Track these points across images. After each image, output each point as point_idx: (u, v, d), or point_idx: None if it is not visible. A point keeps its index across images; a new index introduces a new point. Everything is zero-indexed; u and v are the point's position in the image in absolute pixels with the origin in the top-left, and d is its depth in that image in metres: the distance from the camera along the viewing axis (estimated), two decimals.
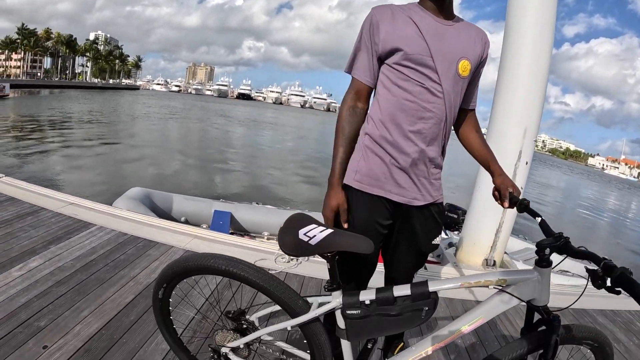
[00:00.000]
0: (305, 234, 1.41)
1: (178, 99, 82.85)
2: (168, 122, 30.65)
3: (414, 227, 1.76)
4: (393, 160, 1.65)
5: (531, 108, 4.06)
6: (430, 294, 1.41)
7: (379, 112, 1.66)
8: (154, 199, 6.34)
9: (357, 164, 1.70)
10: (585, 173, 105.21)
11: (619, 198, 45.07)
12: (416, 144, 1.62)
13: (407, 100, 1.59)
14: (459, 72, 1.61)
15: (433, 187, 1.74)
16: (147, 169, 13.53)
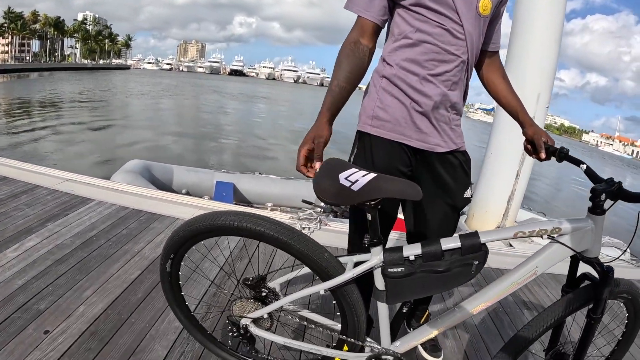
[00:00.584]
0: (347, 179, 1.21)
1: (170, 77, 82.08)
2: (162, 99, 30.31)
3: (440, 176, 1.62)
4: (414, 103, 1.51)
5: (544, 73, 3.95)
6: (481, 245, 1.28)
7: (396, 55, 1.51)
8: (153, 171, 6.16)
9: (373, 108, 1.56)
10: (579, 149, 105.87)
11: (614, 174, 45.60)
12: (438, 86, 1.49)
13: (428, 43, 1.45)
14: (479, 11, 1.46)
15: (455, 134, 1.61)
16: (144, 144, 13.32)
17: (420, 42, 1.46)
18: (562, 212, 12.92)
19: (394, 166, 1.58)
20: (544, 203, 13.21)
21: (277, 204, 6.21)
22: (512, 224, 4.27)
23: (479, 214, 4.24)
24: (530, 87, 3.89)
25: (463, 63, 1.50)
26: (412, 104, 1.51)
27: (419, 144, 1.55)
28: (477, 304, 1.38)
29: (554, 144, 1.48)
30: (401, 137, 1.54)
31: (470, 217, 4.34)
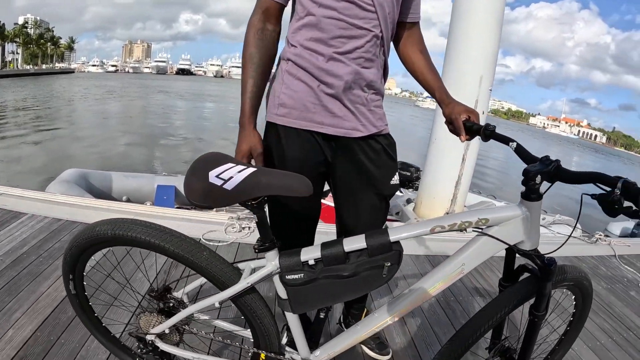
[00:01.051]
0: (218, 176, 1.04)
1: (115, 79, 79.64)
2: (106, 102, 29.35)
3: (362, 163, 1.47)
4: (322, 85, 1.35)
5: (486, 56, 3.94)
6: (391, 244, 1.12)
7: (300, 34, 1.36)
8: (91, 180, 5.92)
9: (278, 96, 1.41)
10: (527, 132, 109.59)
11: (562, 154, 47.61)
12: (349, 65, 1.34)
13: (333, 19, 1.31)
14: None
15: (375, 116, 1.46)
16: (87, 151, 12.80)
17: (325, 18, 1.31)
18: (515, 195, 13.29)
19: (308, 158, 1.45)
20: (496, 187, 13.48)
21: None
22: (461, 210, 4.27)
23: (427, 201, 4.21)
24: (473, 70, 3.89)
25: (376, 37, 1.36)
26: (321, 87, 1.36)
27: (333, 129, 1.40)
28: (396, 310, 1.22)
29: (478, 120, 1.34)
30: (311, 125, 1.39)
31: (418, 204, 4.31)
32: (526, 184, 1.07)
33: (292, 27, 1.39)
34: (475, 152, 4.12)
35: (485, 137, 1.28)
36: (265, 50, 1.35)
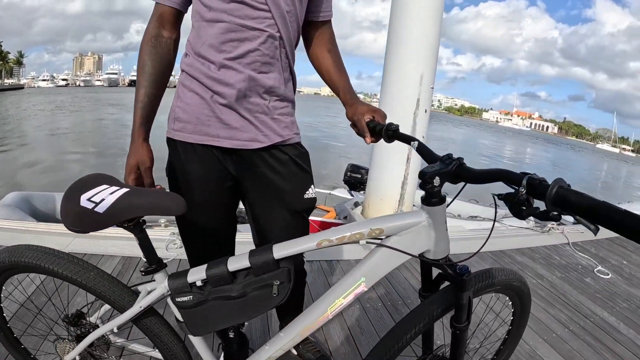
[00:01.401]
0: (90, 199, 0.99)
1: (66, 94, 77.28)
2: (56, 119, 28.36)
3: (266, 176, 1.37)
4: (216, 95, 1.26)
5: (426, 53, 3.85)
6: (277, 262, 1.05)
7: (192, 41, 1.28)
8: (34, 203, 5.67)
9: (174, 110, 1.33)
10: (481, 127, 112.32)
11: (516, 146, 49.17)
12: (241, 71, 1.24)
13: (223, 22, 1.21)
14: None
15: (280, 124, 1.35)
16: (36, 172, 12.25)
17: (215, 22, 1.22)
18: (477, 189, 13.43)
19: (210, 174, 1.35)
20: None
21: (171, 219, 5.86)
22: (410, 209, 4.22)
23: (374, 202, 4.14)
24: (413, 68, 3.81)
25: (273, 38, 1.25)
26: (214, 97, 1.26)
27: (229, 142, 1.30)
28: (298, 331, 1.13)
29: (384, 120, 1.27)
30: (206, 139, 1.30)
31: (366, 207, 4.24)
32: (424, 188, 0.96)
33: (190, 35, 1.31)
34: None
35: (387, 138, 1.21)
36: (159, 58, 1.26)
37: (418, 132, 3.88)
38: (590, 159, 58.75)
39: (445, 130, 48.80)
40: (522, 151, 41.58)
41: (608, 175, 34.46)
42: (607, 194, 18.90)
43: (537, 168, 27.44)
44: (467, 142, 37.91)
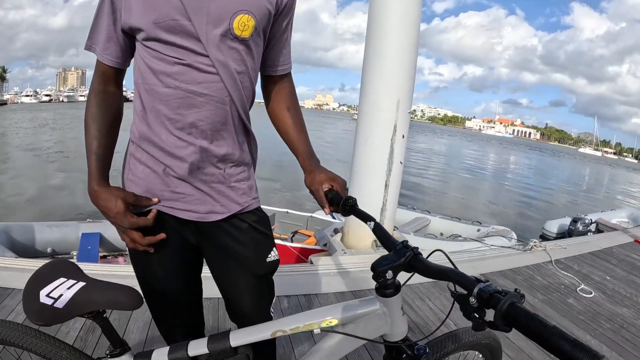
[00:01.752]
0: (49, 295, 1.01)
1: (49, 110, 76.41)
2: (40, 138, 27.95)
3: (226, 246, 1.31)
4: (168, 168, 1.19)
5: (402, 79, 3.87)
6: (235, 349, 1.06)
7: (138, 106, 1.20)
8: (12, 234, 5.64)
9: (125, 182, 1.25)
10: (464, 135, 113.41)
11: (498, 155, 49.62)
12: (191, 142, 1.17)
13: (168, 87, 1.13)
14: (234, 33, 1.12)
15: (237, 192, 1.28)
16: (19, 199, 11.85)
17: (160, 87, 1.14)
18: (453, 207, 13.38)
19: (169, 244, 1.26)
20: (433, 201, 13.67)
21: None
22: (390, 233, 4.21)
23: (354, 230, 4.13)
24: (389, 95, 3.84)
25: (223, 103, 1.17)
26: (167, 170, 1.19)
27: (186, 214, 1.24)
28: None
29: (342, 189, 1.24)
30: (162, 207, 1.22)
31: (346, 233, 4.22)
32: (377, 280, 0.96)
33: (134, 98, 1.22)
34: (399, 178, 4.08)
35: (344, 212, 1.19)
36: (108, 109, 1.20)
37: (396, 158, 3.89)
38: (573, 164, 59.49)
39: (428, 140, 49.03)
40: (504, 160, 41.95)
41: (591, 181, 34.86)
42: (590, 203, 19.04)
43: (519, 177, 27.66)
44: (450, 153, 38.13)
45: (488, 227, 7.10)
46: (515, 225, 11.81)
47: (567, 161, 64.47)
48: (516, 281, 3.81)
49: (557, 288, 3.73)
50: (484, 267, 4.06)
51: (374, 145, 3.93)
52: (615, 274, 4.29)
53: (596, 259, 4.73)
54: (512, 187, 21.26)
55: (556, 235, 9.48)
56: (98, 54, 1.18)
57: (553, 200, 18.78)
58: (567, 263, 4.43)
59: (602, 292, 3.77)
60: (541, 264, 4.31)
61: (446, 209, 12.28)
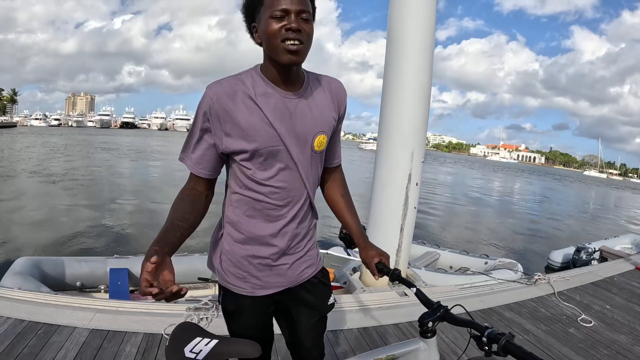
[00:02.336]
0: (191, 351, 1.31)
1: (59, 135, 75.81)
2: (50, 164, 27.86)
3: (303, 299, 1.69)
4: (262, 251, 1.54)
5: (416, 131, 4.28)
6: None
7: (234, 211, 1.54)
8: (44, 268, 5.83)
9: (224, 267, 1.59)
10: (469, 162, 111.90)
11: (504, 182, 48.59)
12: (286, 232, 1.54)
13: (264, 189, 1.48)
14: (314, 149, 1.50)
15: (310, 259, 1.67)
16: (30, 228, 11.75)
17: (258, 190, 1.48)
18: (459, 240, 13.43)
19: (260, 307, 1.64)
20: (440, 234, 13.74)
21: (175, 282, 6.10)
22: (404, 273, 4.52)
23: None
24: (403, 147, 4.24)
25: (304, 197, 1.55)
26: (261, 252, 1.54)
27: (276, 288, 1.61)
28: None
29: (389, 262, 1.58)
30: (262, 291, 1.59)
31: (364, 272, 4.55)
32: (421, 327, 1.44)
33: (230, 197, 1.55)
34: (413, 221, 4.43)
35: (392, 279, 1.57)
36: (191, 203, 1.46)
37: (410, 203, 4.27)
38: (578, 188, 58.40)
39: (432, 169, 48.20)
40: (509, 187, 41.51)
41: (595, 206, 34.31)
42: (596, 229, 18.86)
43: (524, 205, 27.34)
44: (455, 182, 37.67)
45: (495, 260, 7.24)
46: (522, 254, 11.96)
47: (572, 186, 63.56)
48: (521, 314, 3.97)
49: (559, 319, 3.90)
50: (491, 301, 4.24)
51: (391, 193, 4.31)
52: (614, 303, 4.45)
53: (597, 289, 4.88)
54: (518, 216, 21.07)
55: (561, 265, 9.62)
56: (190, 168, 1.47)
57: (559, 227, 18.57)
58: (569, 294, 4.59)
59: (601, 320, 3.94)
60: (545, 297, 4.47)
61: (454, 241, 12.42)
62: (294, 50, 1.35)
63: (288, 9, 1.33)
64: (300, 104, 1.46)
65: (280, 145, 1.43)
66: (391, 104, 4.33)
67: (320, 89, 1.54)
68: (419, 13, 4.18)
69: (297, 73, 1.46)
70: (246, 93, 1.40)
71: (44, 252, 8.78)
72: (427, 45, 4.24)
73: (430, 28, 4.24)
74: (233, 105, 1.39)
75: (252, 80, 1.43)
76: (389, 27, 4.34)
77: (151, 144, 59.67)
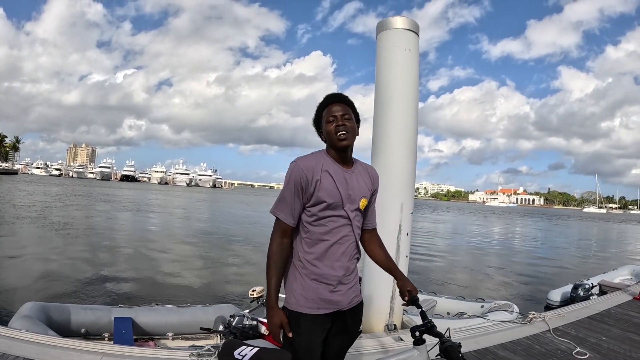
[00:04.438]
0: (240, 353, 1.93)
1: (60, 185, 76.59)
2: (51, 212, 28.20)
3: (346, 325, 2.22)
4: (328, 279, 2.09)
5: (405, 185, 4.57)
6: None
7: (307, 251, 2.11)
8: (50, 313, 5.87)
9: (301, 292, 2.10)
10: (468, 209, 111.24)
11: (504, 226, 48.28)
12: (343, 266, 2.13)
13: (326, 236, 2.09)
14: (359, 208, 2.18)
15: (356, 290, 2.23)
16: (32, 275, 11.81)
17: (324, 241, 2.10)
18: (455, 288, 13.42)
19: (320, 332, 2.13)
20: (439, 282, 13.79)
21: (177, 332, 6.24)
22: (399, 319, 4.73)
23: (367, 314, 4.53)
24: (393, 199, 4.49)
25: (354, 242, 2.18)
26: (326, 280, 2.09)
27: (336, 308, 2.13)
28: None
29: (416, 291, 2.24)
30: (326, 310, 2.11)
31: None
32: (413, 336, 2.09)
33: (300, 240, 2.15)
34: (405, 269, 4.63)
35: (417, 307, 2.17)
36: (284, 257, 2.13)
37: (402, 252, 4.51)
38: (578, 226, 58.05)
39: (432, 220, 47.10)
40: (510, 231, 41.11)
41: (599, 243, 33.91)
42: (596, 265, 18.43)
43: (524, 248, 27.18)
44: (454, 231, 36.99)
45: (491, 303, 7.28)
46: (521, 296, 11.93)
47: (572, 224, 63.30)
48: (516, 352, 4.03)
49: (554, 354, 3.97)
50: (486, 342, 4.30)
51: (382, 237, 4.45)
52: (611, 334, 4.50)
53: (593, 322, 4.94)
54: (517, 258, 20.89)
55: (559, 304, 9.38)
56: (285, 219, 2.10)
57: (559, 266, 18.40)
58: (564, 330, 4.64)
59: (597, 352, 4.00)
60: (539, 334, 4.52)
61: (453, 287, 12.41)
62: (342, 138, 2.10)
63: (336, 115, 2.12)
64: (353, 176, 2.17)
65: (340, 203, 2.10)
66: (379, 160, 4.63)
67: (363, 170, 2.27)
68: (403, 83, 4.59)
69: (349, 157, 2.18)
70: (323, 167, 2.09)
71: (45, 297, 9.01)
72: (411, 108, 4.59)
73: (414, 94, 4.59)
74: (316, 173, 2.07)
75: (323, 157, 2.14)
76: (376, 93, 4.71)
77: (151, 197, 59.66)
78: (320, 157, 2.13)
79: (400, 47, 4.56)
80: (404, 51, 4.56)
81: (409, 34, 4.62)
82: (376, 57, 4.73)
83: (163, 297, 9.64)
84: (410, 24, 4.63)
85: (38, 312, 5.72)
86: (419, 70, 4.68)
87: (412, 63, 4.60)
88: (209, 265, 14.45)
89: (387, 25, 4.66)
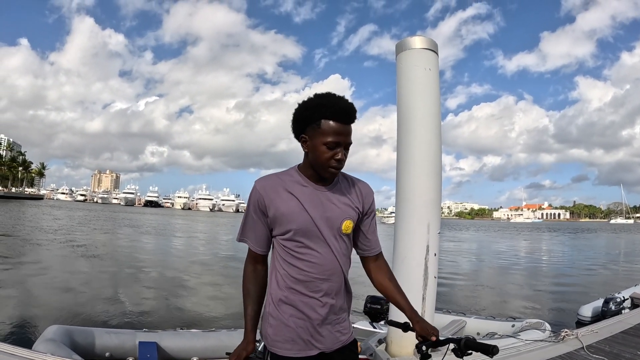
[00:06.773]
0: None
1: (85, 210, 78.05)
2: (75, 236, 28.49)
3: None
4: (307, 320, 1.82)
5: (431, 205, 4.47)
6: None
7: (280, 283, 1.84)
8: (74, 337, 5.86)
9: (273, 332, 1.85)
10: (493, 227, 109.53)
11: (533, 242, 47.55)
12: (323, 304, 1.83)
13: (305, 267, 1.80)
14: (342, 232, 1.83)
15: (343, 330, 1.92)
16: (57, 297, 11.91)
17: (296, 274, 1.80)
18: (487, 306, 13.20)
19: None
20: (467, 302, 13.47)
21: (202, 357, 6.19)
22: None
23: (396, 339, 4.52)
24: (419, 220, 4.42)
25: (339, 274, 1.86)
26: (304, 323, 1.81)
27: (316, 351, 1.84)
28: None
29: (438, 334, 1.84)
30: (302, 352, 1.82)
31: (389, 343, 4.62)
32: (418, 352, 1.83)
33: (275, 273, 1.87)
34: (434, 291, 4.53)
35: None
36: (259, 284, 1.91)
37: (430, 273, 4.39)
38: (606, 238, 56.74)
39: (456, 239, 46.32)
40: (535, 246, 40.37)
41: (628, 255, 33.16)
42: (627, 277, 18.18)
43: (552, 263, 26.72)
44: (480, 250, 36.31)
45: (522, 322, 7.10)
46: (553, 312, 11.68)
47: (599, 236, 61.84)
48: None
49: None
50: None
51: (410, 265, 4.43)
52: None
53: (627, 337, 4.83)
54: (547, 274, 20.52)
55: (591, 320, 9.13)
56: (251, 246, 1.88)
57: (590, 281, 18.03)
58: (598, 346, 4.53)
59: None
60: (573, 352, 4.42)
61: (483, 306, 12.19)
62: (334, 172, 1.79)
63: (339, 143, 1.73)
64: (330, 195, 1.83)
65: (313, 227, 1.78)
66: (405, 181, 4.57)
67: (349, 186, 1.91)
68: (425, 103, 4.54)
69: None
70: (286, 186, 1.81)
71: (70, 319, 9.09)
72: (434, 127, 4.53)
73: (436, 113, 4.56)
74: (276, 194, 1.79)
75: (292, 175, 1.84)
76: (398, 114, 4.69)
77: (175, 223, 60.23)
78: (285, 175, 1.84)
79: (421, 67, 4.53)
80: (424, 70, 4.52)
81: (429, 53, 4.59)
82: (397, 78, 4.71)
83: (188, 321, 9.65)
84: (429, 43, 4.61)
85: (62, 335, 5.72)
86: (439, 88, 4.66)
87: (433, 82, 4.58)
88: (234, 289, 14.33)
89: (406, 45, 4.64)
